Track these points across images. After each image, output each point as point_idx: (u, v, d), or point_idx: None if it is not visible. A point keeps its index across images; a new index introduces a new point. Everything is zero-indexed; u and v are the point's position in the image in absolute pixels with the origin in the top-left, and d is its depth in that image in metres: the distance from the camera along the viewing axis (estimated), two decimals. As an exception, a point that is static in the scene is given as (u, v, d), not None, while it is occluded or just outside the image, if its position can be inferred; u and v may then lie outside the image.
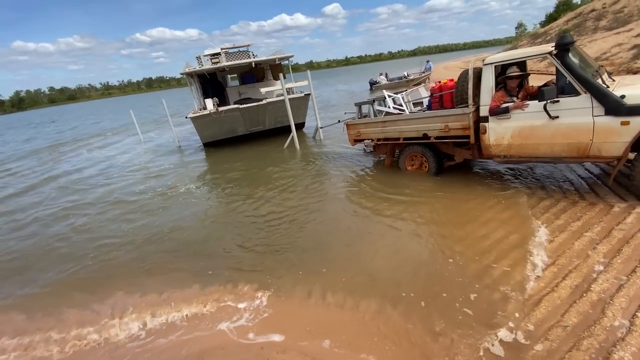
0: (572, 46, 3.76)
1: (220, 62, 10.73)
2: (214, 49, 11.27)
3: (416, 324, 2.55)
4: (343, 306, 2.90)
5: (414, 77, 21.75)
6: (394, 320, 2.63)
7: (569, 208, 3.82)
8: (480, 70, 4.54)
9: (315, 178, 6.59)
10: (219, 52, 10.97)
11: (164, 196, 6.80)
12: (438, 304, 2.71)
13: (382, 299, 2.87)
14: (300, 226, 4.61)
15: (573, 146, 3.84)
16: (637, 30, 15.96)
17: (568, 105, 3.77)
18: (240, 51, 11.40)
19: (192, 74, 11.00)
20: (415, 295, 2.86)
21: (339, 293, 3.05)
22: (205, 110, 10.03)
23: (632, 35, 15.34)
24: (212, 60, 10.69)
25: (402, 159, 5.81)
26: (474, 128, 4.57)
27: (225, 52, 11.08)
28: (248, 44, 11.63)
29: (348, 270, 3.39)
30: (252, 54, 11.50)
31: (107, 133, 20.54)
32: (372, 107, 6.38)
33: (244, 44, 11.61)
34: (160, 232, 5.06)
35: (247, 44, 11.62)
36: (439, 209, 4.41)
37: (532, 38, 28.24)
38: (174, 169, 9.22)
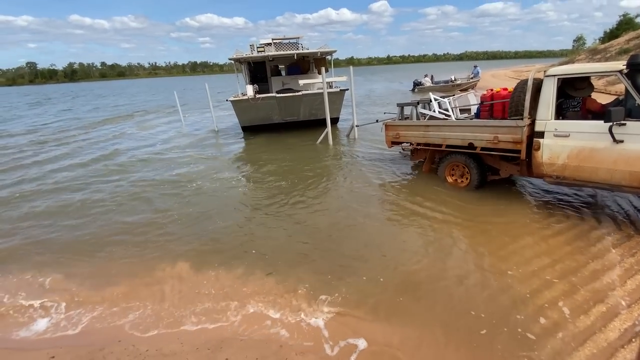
0: (649, 67, 3.43)
1: (267, 51, 11.14)
2: (267, 39, 11.69)
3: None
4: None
5: (461, 82, 20.91)
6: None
7: (622, 242, 3.52)
8: (540, 81, 4.27)
9: (344, 180, 6.41)
10: (270, 43, 11.44)
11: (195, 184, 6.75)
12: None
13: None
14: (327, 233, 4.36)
15: (636, 175, 3.52)
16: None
17: (636, 130, 3.45)
18: (290, 43, 11.71)
19: (240, 61, 11.44)
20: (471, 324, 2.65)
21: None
22: (245, 96, 10.50)
23: None
24: (258, 49, 11.20)
25: (442, 167, 5.60)
26: (527, 143, 4.31)
27: (275, 43, 11.49)
28: (298, 37, 11.92)
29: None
30: (301, 46, 11.76)
31: (152, 112, 21.57)
32: (416, 109, 6.21)
33: (295, 37, 11.91)
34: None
35: (297, 37, 11.91)
36: (483, 235, 3.97)
37: (591, 53, 26.27)
38: (210, 153, 9.51)
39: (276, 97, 10.39)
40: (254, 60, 11.70)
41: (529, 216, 4.29)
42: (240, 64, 11.79)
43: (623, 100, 3.93)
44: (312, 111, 11.12)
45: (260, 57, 11.22)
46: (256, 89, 10.65)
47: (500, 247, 3.66)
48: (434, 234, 4.08)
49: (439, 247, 3.79)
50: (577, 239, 3.68)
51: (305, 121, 11.60)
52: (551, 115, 4.09)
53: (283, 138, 10.87)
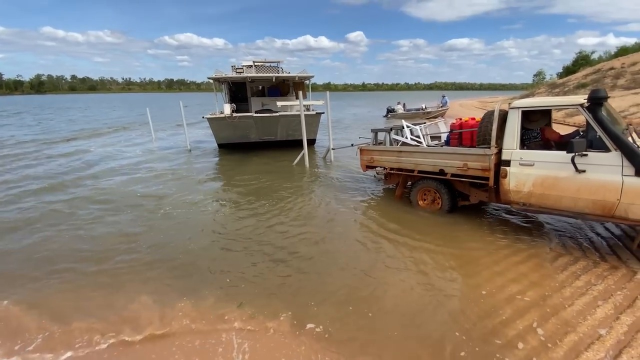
0: (605, 101, 3.66)
1: (247, 73, 11.64)
2: (248, 61, 12.32)
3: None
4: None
5: (431, 110, 21.91)
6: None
7: (589, 269, 3.60)
8: (506, 113, 4.46)
9: (321, 203, 6.28)
10: (251, 65, 12.08)
11: (159, 204, 6.40)
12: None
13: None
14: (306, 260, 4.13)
15: (598, 204, 3.66)
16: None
17: (596, 161, 3.62)
18: (271, 66, 12.37)
19: (220, 80, 11.88)
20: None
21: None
22: (222, 114, 10.80)
23: (651, 98, 15.38)
24: (237, 71, 11.73)
25: (414, 192, 5.65)
26: (494, 171, 4.43)
27: (256, 65, 12.13)
28: (279, 61, 12.66)
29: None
30: (281, 70, 12.42)
31: (120, 127, 20.73)
32: (389, 135, 6.30)
33: (275, 60, 12.57)
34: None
35: (278, 61, 12.62)
36: (450, 259, 3.99)
37: (550, 87, 28.60)
38: (180, 173, 9.09)
39: (253, 116, 10.68)
40: (235, 81, 12.14)
41: (499, 242, 4.34)
42: (220, 83, 12.23)
43: (583, 131, 4.16)
44: (289, 132, 11.54)
45: (241, 78, 11.62)
46: (233, 108, 11.00)
47: (472, 273, 3.63)
48: (412, 262, 3.97)
49: (417, 276, 3.69)
50: (547, 265, 3.73)
51: (282, 141, 11.95)
52: (516, 144, 4.24)
53: (259, 158, 10.71)
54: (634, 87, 19.59)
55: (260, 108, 12.37)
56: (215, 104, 12.29)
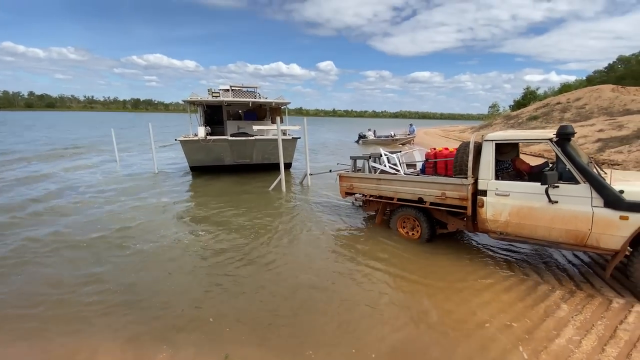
0: (572, 136, 3.90)
1: (224, 97, 11.73)
2: (225, 85, 12.44)
3: None
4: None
5: (399, 137, 22.79)
6: None
7: (567, 298, 3.67)
8: (479, 144, 4.63)
9: (302, 231, 6.07)
10: (228, 89, 12.19)
11: (123, 235, 5.82)
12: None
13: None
14: (279, 293, 3.94)
15: (571, 233, 3.81)
16: (598, 126, 17.80)
17: (567, 192, 3.80)
18: (248, 91, 12.52)
19: (195, 103, 11.95)
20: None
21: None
22: (196, 137, 10.74)
23: (595, 130, 17.03)
24: (213, 95, 11.70)
25: (394, 219, 5.64)
26: (472, 200, 4.53)
27: (233, 90, 12.27)
28: (256, 86, 12.81)
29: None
30: (259, 95, 12.60)
31: (81, 149, 19.46)
32: (368, 163, 6.33)
33: (253, 86, 12.77)
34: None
35: (255, 86, 12.80)
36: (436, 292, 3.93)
37: (506, 119, 30.93)
38: (148, 200, 8.52)
39: (228, 139, 10.64)
40: (211, 104, 12.27)
41: (479, 271, 4.35)
42: (196, 106, 12.30)
43: (552, 163, 4.39)
44: (264, 155, 11.61)
45: (217, 102, 11.69)
46: (208, 131, 11.04)
47: (459, 306, 3.56)
48: (398, 297, 3.86)
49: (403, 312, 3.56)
50: (526, 295, 3.76)
51: (257, 164, 11.98)
52: (492, 175, 4.38)
53: (232, 182, 10.37)
54: (579, 120, 21.69)
55: (236, 131, 12.48)
56: (189, 126, 12.19)
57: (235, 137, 10.91)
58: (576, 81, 54.34)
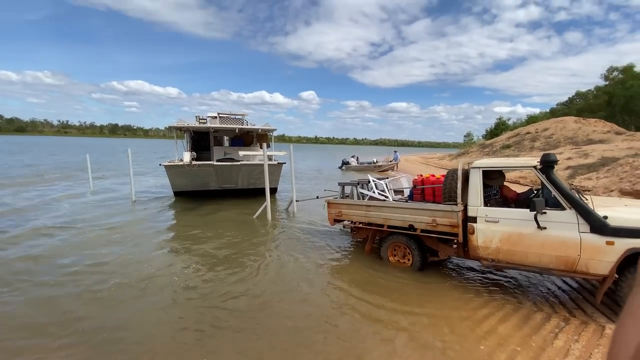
0: (555, 164, 4.06)
1: (211, 123, 11.99)
2: (213, 112, 12.69)
3: None
4: None
5: (382, 163, 23.24)
6: None
7: (562, 326, 3.64)
8: (466, 171, 4.74)
9: (290, 262, 5.78)
10: (216, 116, 12.45)
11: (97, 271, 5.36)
12: None
13: None
14: (288, 340, 3.74)
15: (561, 259, 3.85)
16: (566, 155, 18.87)
17: (555, 218, 3.88)
18: (236, 118, 12.80)
19: (182, 129, 12.12)
20: None
21: None
22: (181, 162, 10.76)
23: (564, 158, 17.99)
24: (200, 121, 11.98)
25: (384, 247, 5.55)
26: (462, 227, 4.54)
27: (221, 117, 12.51)
28: (244, 114, 13.08)
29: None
30: (246, 122, 12.87)
31: (50, 175, 18.53)
32: (356, 189, 6.32)
33: (240, 113, 13.05)
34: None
35: (243, 114, 13.07)
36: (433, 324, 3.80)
37: (481, 147, 32.37)
38: (125, 230, 8.06)
39: (214, 164, 10.68)
40: (198, 130, 12.46)
41: (474, 301, 4.28)
42: (183, 132, 12.50)
43: (537, 190, 4.52)
44: (250, 180, 11.71)
45: (204, 128, 11.93)
46: (193, 156, 11.10)
47: (459, 339, 3.45)
48: (395, 331, 3.70)
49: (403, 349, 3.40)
50: (523, 324, 3.70)
51: (243, 189, 12.02)
52: (480, 202, 4.45)
53: (216, 211, 10.02)
54: (548, 148, 22.98)
55: (222, 157, 12.69)
56: (174, 152, 12.36)
57: (221, 162, 10.98)
58: (540, 113, 58.70)
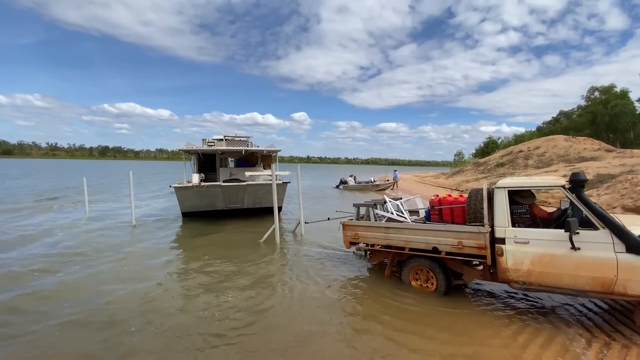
0: (585, 183, 4.03)
1: (218, 145, 12.49)
2: (219, 135, 13.28)
3: None
4: None
5: (379, 182, 23.27)
6: None
7: (605, 353, 3.49)
8: (490, 191, 4.68)
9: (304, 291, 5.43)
10: (222, 138, 13.01)
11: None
12: None
13: None
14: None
15: (598, 280, 3.76)
16: (561, 172, 19.23)
17: (588, 239, 3.81)
18: (241, 140, 13.33)
19: (190, 152, 12.65)
20: None
21: None
22: (190, 183, 11.07)
23: (559, 175, 18.32)
24: (208, 144, 12.55)
25: (405, 271, 5.38)
26: (490, 249, 4.44)
27: (226, 139, 13.05)
28: (249, 136, 13.62)
29: None
30: (251, 144, 13.44)
31: (44, 199, 17.99)
32: (372, 211, 6.20)
33: (245, 136, 13.61)
34: None
35: (247, 136, 13.60)
36: (472, 352, 3.64)
37: (475, 165, 32.86)
38: (129, 260, 7.68)
39: (221, 185, 11.06)
40: (205, 153, 13.07)
41: (508, 328, 4.11)
42: (190, 154, 12.99)
43: (567, 210, 4.47)
44: (256, 200, 12.03)
45: (211, 150, 12.44)
46: (202, 178, 11.44)
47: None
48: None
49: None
50: (565, 352, 3.54)
51: (249, 209, 12.36)
52: (508, 222, 4.37)
53: (220, 232, 9.81)
54: (542, 166, 23.45)
55: (228, 177, 13.23)
56: (183, 174, 12.91)
57: (228, 182, 11.37)
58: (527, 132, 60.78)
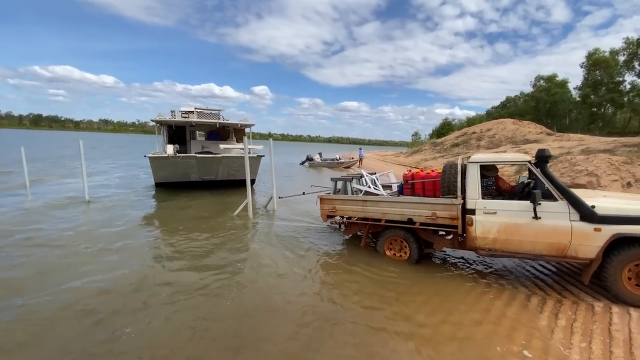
0: (549, 159, 4.41)
1: (190, 118, 12.57)
2: (190, 107, 13.16)
3: None
4: None
5: (344, 160, 23.67)
6: None
7: (559, 307, 3.98)
8: (464, 166, 4.96)
9: (277, 262, 5.48)
10: (192, 111, 12.88)
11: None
12: None
13: None
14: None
15: (554, 246, 4.21)
16: (510, 152, 20.93)
17: (548, 209, 4.22)
18: (212, 113, 13.32)
19: (162, 123, 12.66)
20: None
21: None
22: (164, 153, 11.19)
23: (508, 156, 19.84)
24: (182, 115, 12.44)
25: (381, 242, 5.61)
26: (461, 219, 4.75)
27: (197, 112, 12.98)
28: (220, 109, 13.57)
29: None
30: (222, 117, 13.50)
31: None
32: (350, 185, 6.29)
33: (217, 109, 13.58)
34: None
35: (219, 109, 13.56)
36: (449, 316, 3.85)
37: (432, 145, 34.53)
38: (82, 239, 7.07)
39: (196, 156, 11.17)
40: (176, 125, 12.98)
41: (477, 289, 4.51)
42: (161, 126, 13.03)
43: (528, 183, 4.88)
44: (230, 172, 12.31)
45: (184, 122, 12.55)
46: (177, 148, 11.47)
47: (477, 326, 3.60)
48: (406, 323, 3.75)
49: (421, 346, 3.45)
50: (527, 307, 3.98)
51: (222, 181, 12.64)
52: (478, 194, 4.69)
53: (189, 207, 9.47)
54: (492, 147, 25.29)
55: (200, 150, 13.18)
56: (155, 145, 13.08)
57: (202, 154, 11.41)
58: (477, 115, 64.94)
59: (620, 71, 35.16)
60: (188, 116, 12.61)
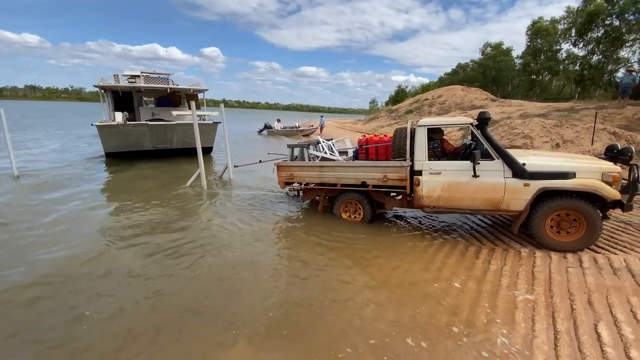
0: (489, 121, 4.73)
1: (137, 83, 11.65)
2: (135, 71, 12.16)
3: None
4: None
5: (304, 128, 23.44)
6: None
7: (492, 254, 4.49)
8: (412, 130, 5.17)
9: (233, 231, 5.52)
10: (138, 75, 11.88)
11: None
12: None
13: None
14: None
15: (489, 201, 4.66)
16: (458, 118, 22.06)
17: (486, 168, 4.61)
18: (161, 77, 12.44)
19: (106, 89, 11.71)
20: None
21: None
22: (113, 121, 10.50)
23: (457, 121, 20.95)
24: (129, 80, 11.42)
25: (337, 205, 5.78)
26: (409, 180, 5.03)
27: (144, 76, 12.01)
28: (169, 73, 12.75)
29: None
30: (172, 82, 12.58)
31: None
32: (306, 151, 6.29)
33: (165, 73, 12.71)
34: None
35: (168, 73, 12.72)
36: (398, 266, 4.29)
37: (389, 112, 35.26)
38: (12, 217, 6.44)
39: (148, 124, 10.66)
40: (123, 90, 12.07)
41: (422, 243, 4.91)
42: (106, 92, 12.07)
43: (469, 145, 5.23)
44: (185, 140, 11.76)
45: (131, 87, 11.69)
46: (126, 116, 10.87)
47: (423, 272, 3.96)
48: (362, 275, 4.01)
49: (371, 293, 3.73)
50: (465, 256, 4.44)
51: (177, 149, 12.12)
52: (425, 156, 4.96)
53: (139, 178, 8.89)
54: (443, 113, 26.47)
55: (150, 117, 12.50)
56: (102, 112, 12.24)
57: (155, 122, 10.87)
58: (431, 82, 67.04)
59: (557, 40, 37.65)
60: (135, 81, 11.72)
